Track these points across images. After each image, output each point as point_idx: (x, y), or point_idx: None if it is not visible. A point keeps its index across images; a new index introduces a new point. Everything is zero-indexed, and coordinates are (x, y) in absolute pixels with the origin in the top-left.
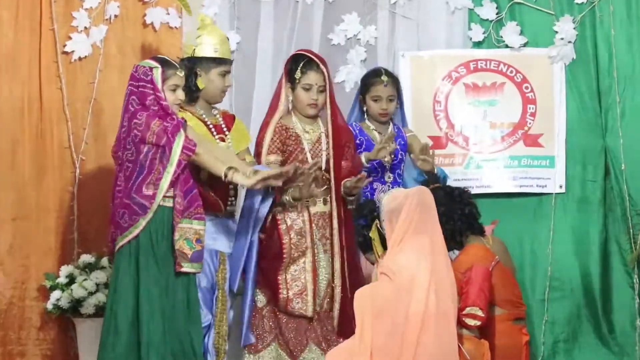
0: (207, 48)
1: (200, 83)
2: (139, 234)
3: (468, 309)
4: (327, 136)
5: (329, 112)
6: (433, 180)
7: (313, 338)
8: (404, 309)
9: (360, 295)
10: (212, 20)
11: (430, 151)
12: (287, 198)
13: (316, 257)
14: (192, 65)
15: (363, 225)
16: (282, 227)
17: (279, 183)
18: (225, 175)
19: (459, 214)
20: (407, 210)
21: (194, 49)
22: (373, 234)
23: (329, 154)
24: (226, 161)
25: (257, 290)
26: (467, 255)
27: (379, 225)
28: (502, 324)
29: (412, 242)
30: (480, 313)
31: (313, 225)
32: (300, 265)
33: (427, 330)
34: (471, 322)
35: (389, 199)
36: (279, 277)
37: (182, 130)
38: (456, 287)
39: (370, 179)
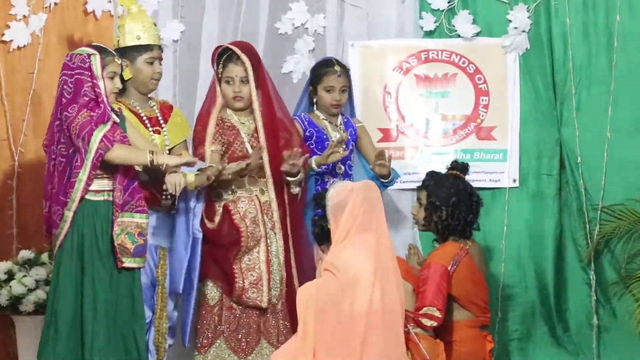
0: (129, 37)
1: (127, 74)
2: (70, 230)
3: (425, 309)
4: (264, 126)
5: (256, 102)
6: (460, 168)
7: (265, 333)
8: (348, 307)
9: (304, 293)
10: (140, 7)
11: (387, 155)
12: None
13: (269, 247)
14: (118, 56)
15: (320, 216)
16: (236, 216)
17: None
18: (151, 161)
19: (462, 216)
20: (351, 206)
21: (118, 40)
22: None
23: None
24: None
25: (209, 285)
26: (439, 249)
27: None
28: (469, 330)
29: (356, 238)
30: (437, 314)
31: (264, 214)
32: (255, 254)
33: (372, 329)
34: (427, 322)
35: (333, 193)
36: (234, 267)
37: (106, 123)
38: (405, 283)
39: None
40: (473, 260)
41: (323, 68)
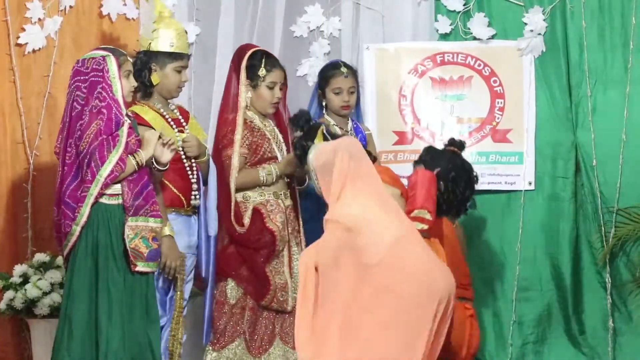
0: (163, 42)
1: (155, 78)
2: (84, 233)
3: (416, 211)
4: (280, 131)
5: (282, 107)
6: (457, 144)
7: (282, 334)
8: (364, 246)
9: (304, 255)
10: (171, 13)
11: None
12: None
13: (291, 250)
14: (147, 59)
15: (300, 137)
16: (267, 219)
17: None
18: (138, 164)
19: (460, 191)
20: (339, 165)
21: (150, 43)
22: (319, 139)
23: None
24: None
25: (231, 284)
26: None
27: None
28: None
29: (351, 190)
30: (428, 216)
31: (287, 217)
32: (280, 258)
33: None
34: (419, 226)
35: (316, 155)
36: (267, 270)
37: (120, 139)
38: (392, 188)
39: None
40: (457, 237)
41: (330, 70)
